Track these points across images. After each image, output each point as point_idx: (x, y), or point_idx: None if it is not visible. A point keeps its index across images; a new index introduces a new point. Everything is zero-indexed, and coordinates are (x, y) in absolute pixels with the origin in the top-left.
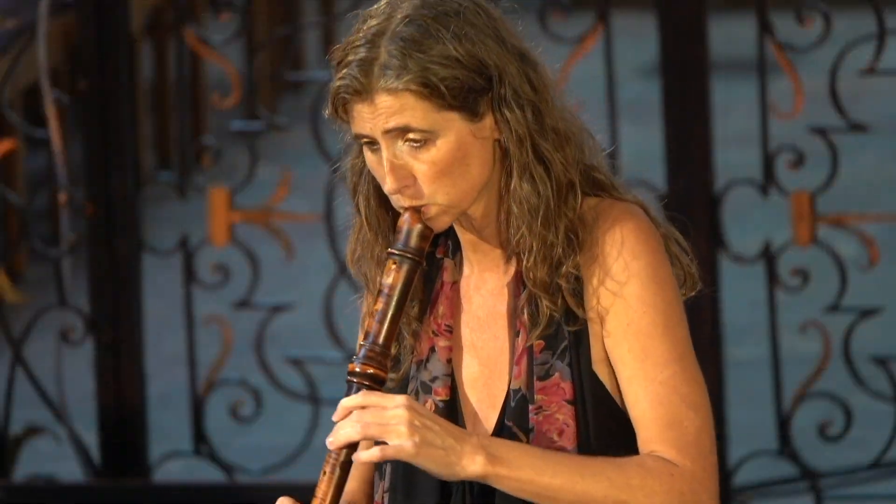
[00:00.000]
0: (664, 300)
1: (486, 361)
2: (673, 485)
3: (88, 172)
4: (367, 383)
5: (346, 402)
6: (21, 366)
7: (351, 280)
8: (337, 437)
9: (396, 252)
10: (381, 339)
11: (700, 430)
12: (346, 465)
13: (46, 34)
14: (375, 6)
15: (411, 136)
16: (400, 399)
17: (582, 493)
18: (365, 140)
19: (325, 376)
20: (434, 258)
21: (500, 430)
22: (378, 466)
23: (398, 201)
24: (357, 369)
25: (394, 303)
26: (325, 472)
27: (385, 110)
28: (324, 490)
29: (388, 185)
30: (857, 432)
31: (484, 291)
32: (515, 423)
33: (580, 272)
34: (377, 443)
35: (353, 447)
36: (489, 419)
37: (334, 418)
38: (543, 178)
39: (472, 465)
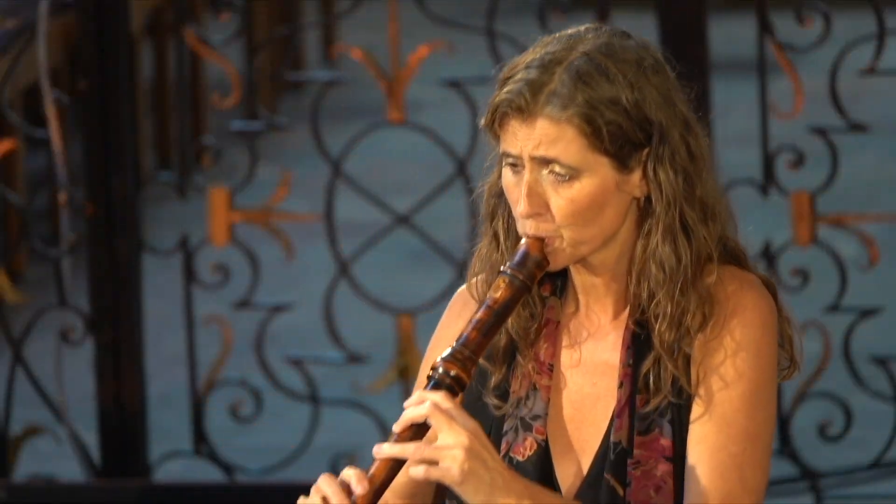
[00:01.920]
0: (761, 378)
1: (578, 406)
2: None
3: (88, 172)
4: (447, 382)
5: (425, 393)
6: (21, 366)
7: (351, 280)
8: (392, 448)
9: (509, 271)
10: (472, 346)
11: None
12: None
13: (46, 34)
14: (559, 33)
15: (557, 169)
16: (471, 423)
17: None
18: (509, 160)
19: (325, 376)
20: (540, 297)
21: (597, 482)
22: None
23: (524, 227)
24: (440, 367)
25: (494, 316)
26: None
27: (541, 136)
28: (376, 470)
29: (521, 208)
30: (857, 432)
31: (587, 335)
32: (614, 475)
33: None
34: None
35: (419, 430)
36: (581, 465)
37: (406, 404)
38: (685, 246)
39: None
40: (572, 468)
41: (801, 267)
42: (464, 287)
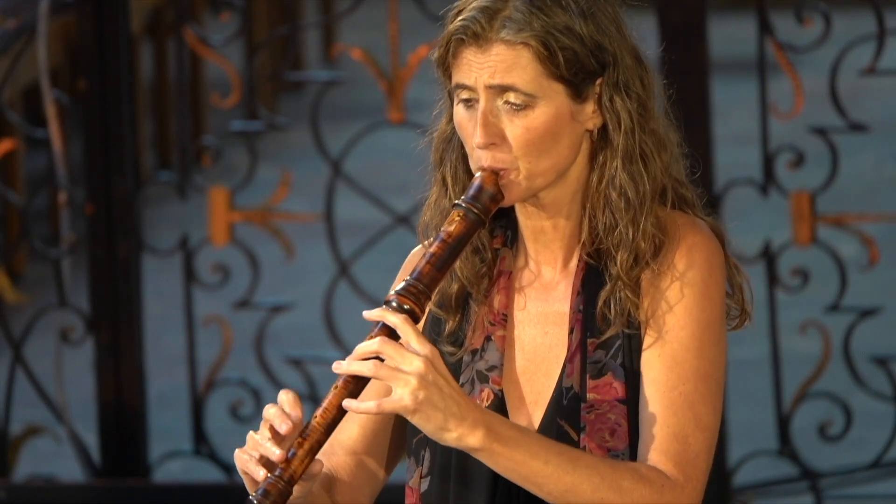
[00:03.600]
0: (709, 318)
1: (531, 356)
2: (663, 496)
3: (88, 172)
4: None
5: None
6: (21, 366)
7: (351, 280)
8: (349, 365)
9: (463, 204)
10: (425, 279)
11: (701, 452)
12: (355, 391)
13: (46, 34)
14: None
15: (513, 98)
16: (427, 348)
17: (572, 483)
18: (463, 94)
19: (325, 376)
20: (492, 248)
21: (550, 428)
22: (414, 452)
23: (479, 160)
24: (394, 302)
25: (448, 250)
26: (322, 407)
27: (496, 63)
28: (318, 421)
29: (476, 139)
30: (857, 432)
31: (538, 285)
32: (567, 421)
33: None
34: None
35: (360, 382)
36: (534, 415)
37: (359, 345)
38: (642, 173)
39: (471, 436)
40: (527, 417)
41: (801, 267)
42: (419, 247)
